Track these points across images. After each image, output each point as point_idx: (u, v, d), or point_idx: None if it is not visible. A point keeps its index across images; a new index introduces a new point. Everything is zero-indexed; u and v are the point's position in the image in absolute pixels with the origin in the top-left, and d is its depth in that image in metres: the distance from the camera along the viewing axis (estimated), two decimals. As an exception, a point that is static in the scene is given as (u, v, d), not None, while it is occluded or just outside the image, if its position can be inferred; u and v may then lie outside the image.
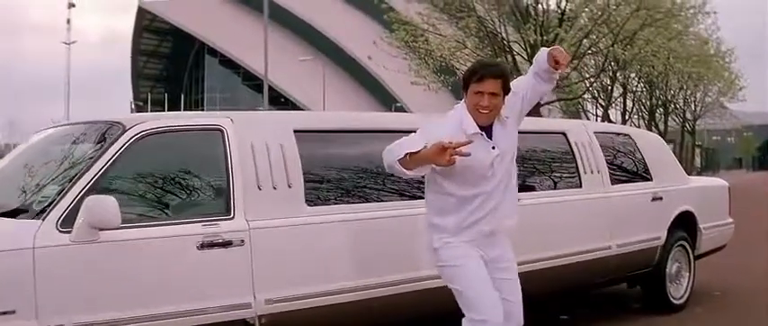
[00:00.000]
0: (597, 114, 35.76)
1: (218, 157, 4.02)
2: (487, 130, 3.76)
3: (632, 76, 32.49)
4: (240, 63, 68.40)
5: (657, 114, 40.09)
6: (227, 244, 3.86)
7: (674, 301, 6.41)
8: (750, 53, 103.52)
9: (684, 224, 6.56)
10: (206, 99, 74.33)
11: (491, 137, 3.77)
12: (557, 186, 5.56)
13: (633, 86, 35.35)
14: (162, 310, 3.66)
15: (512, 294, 3.83)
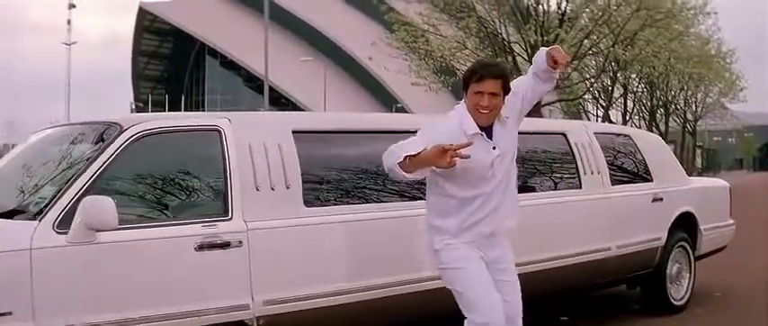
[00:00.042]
0: (598, 115, 35.75)
1: (215, 157, 4.00)
2: (488, 130, 3.75)
3: (633, 76, 32.50)
4: (241, 64, 68.46)
5: (658, 115, 40.08)
6: (224, 245, 3.84)
7: (674, 302, 6.40)
8: (750, 54, 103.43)
9: (685, 225, 6.54)
10: (207, 100, 74.41)
11: (491, 137, 3.75)
12: (556, 187, 5.55)
13: (634, 86, 35.35)
14: (160, 311, 3.64)
15: (512, 296, 3.82)
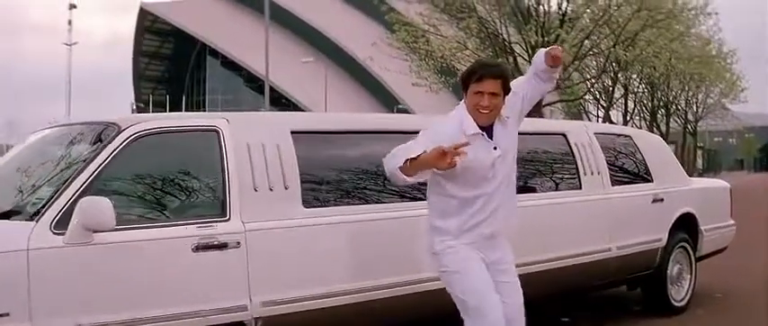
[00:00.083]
0: (599, 115, 35.72)
1: (213, 158, 3.98)
2: (488, 130, 3.74)
3: (634, 77, 32.48)
4: (241, 64, 68.46)
5: (659, 116, 40.05)
6: (222, 246, 3.82)
7: (675, 303, 6.38)
8: (751, 54, 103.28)
9: (685, 226, 6.52)
10: (208, 101, 74.43)
11: (492, 137, 3.74)
12: (556, 188, 5.53)
13: (635, 87, 35.32)
14: (157, 312, 3.63)
15: (512, 297, 3.80)
